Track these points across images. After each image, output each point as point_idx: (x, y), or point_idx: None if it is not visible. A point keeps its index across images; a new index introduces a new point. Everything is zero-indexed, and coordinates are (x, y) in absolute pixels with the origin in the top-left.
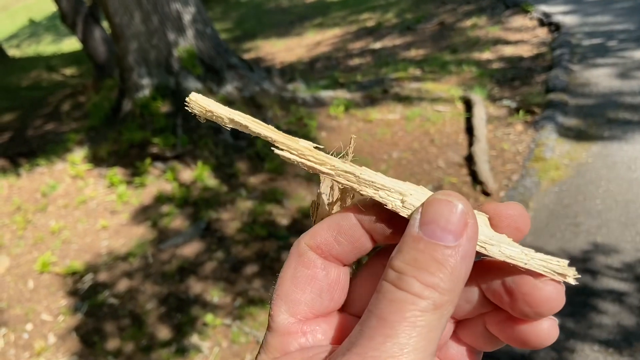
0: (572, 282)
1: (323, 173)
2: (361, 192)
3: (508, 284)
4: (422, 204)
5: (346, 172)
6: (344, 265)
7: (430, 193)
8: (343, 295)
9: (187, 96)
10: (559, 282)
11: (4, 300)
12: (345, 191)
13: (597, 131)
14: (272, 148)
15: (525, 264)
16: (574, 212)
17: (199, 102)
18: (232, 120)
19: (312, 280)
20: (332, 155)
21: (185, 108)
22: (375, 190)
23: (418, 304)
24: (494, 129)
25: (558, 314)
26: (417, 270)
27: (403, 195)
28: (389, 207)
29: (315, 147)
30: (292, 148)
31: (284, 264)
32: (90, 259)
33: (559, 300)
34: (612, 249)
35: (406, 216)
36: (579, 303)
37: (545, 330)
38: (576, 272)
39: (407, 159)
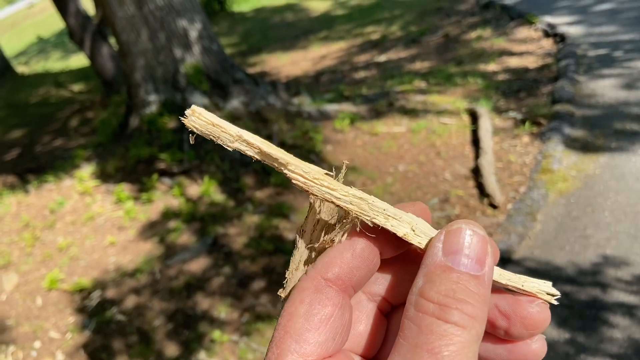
0: (554, 302)
1: (336, 199)
2: (373, 220)
3: (503, 309)
4: (443, 232)
5: (360, 198)
6: (355, 293)
7: (429, 225)
8: (348, 335)
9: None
10: (547, 304)
11: (12, 318)
12: (330, 230)
13: (605, 142)
14: (284, 171)
15: (522, 286)
16: (582, 224)
17: (203, 116)
18: (240, 138)
19: (328, 320)
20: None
21: (183, 119)
22: (385, 218)
23: (465, 337)
24: (500, 141)
25: (568, 329)
26: (457, 302)
27: (411, 224)
28: (400, 234)
29: (326, 174)
30: (305, 172)
31: (292, 297)
32: (98, 275)
33: (548, 320)
34: (622, 262)
35: (416, 243)
36: (590, 317)
37: (540, 347)
38: (558, 293)
39: (414, 171)
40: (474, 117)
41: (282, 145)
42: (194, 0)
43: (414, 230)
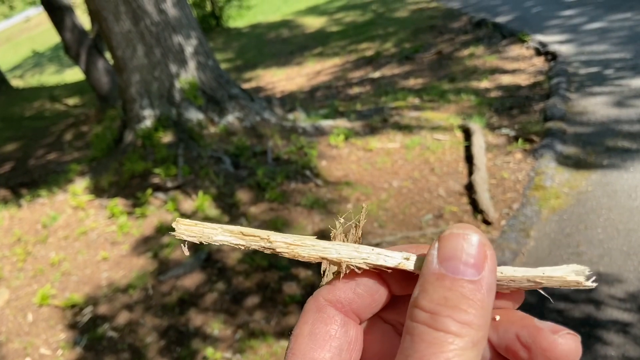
0: (590, 284)
1: (322, 254)
2: (366, 261)
3: (524, 340)
4: (438, 239)
5: (346, 246)
6: (361, 322)
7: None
8: (359, 355)
9: (189, 126)
10: (575, 334)
11: (2, 334)
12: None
13: (596, 159)
14: (267, 245)
15: (543, 273)
16: (575, 241)
17: (186, 221)
18: (221, 229)
19: (331, 337)
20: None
21: (173, 233)
22: (376, 256)
23: (458, 344)
24: (493, 158)
25: None
26: (449, 309)
27: (404, 255)
28: (392, 266)
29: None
30: (285, 239)
31: (298, 320)
32: (90, 291)
33: (578, 351)
34: (615, 279)
35: (413, 269)
36: (584, 334)
37: None
38: (589, 271)
39: (408, 187)
40: (467, 133)
41: (277, 160)
42: (190, 16)
43: (407, 259)
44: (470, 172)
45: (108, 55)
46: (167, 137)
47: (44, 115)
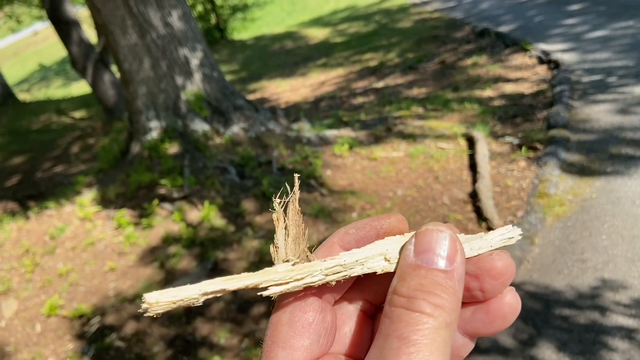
0: (519, 237)
1: (315, 282)
2: (352, 275)
3: (470, 271)
4: (414, 235)
5: (334, 266)
6: (335, 303)
7: (399, 242)
8: (334, 338)
9: (195, 138)
10: (505, 252)
11: (11, 344)
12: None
13: (600, 167)
14: (260, 293)
15: (492, 246)
16: (580, 248)
17: (161, 301)
18: (205, 294)
19: (310, 325)
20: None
21: (143, 311)
22: (361, 266)
23: (432, 323)
24: (497, 166)
25: (568, 353)
26: (424, 293)
27: (383, 254)
28: (379, 272)
29: (293, 264)
30: (276, 280)
31: (275, 308)
32: (98, 301)
33: (513, 265)
34: (619, 285)
35: (394, 270)
36: (589, 341)
37: (513, 298)
38: (519, 231)
39: (412, 196)
40: (471, 142)
41: (282, 169)
42: (196, 29)
43: (388, 260)
44: (474, 180)
45: (114, 68)
46: (173, 148)
47: (50, 129)
